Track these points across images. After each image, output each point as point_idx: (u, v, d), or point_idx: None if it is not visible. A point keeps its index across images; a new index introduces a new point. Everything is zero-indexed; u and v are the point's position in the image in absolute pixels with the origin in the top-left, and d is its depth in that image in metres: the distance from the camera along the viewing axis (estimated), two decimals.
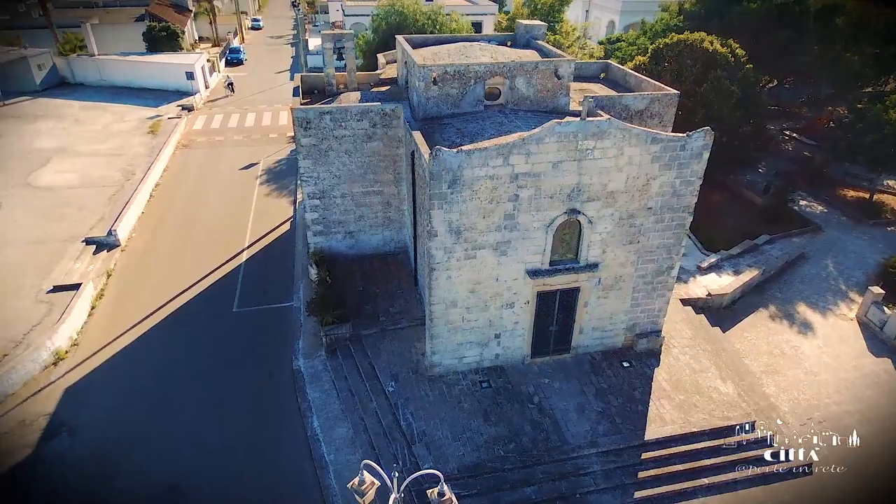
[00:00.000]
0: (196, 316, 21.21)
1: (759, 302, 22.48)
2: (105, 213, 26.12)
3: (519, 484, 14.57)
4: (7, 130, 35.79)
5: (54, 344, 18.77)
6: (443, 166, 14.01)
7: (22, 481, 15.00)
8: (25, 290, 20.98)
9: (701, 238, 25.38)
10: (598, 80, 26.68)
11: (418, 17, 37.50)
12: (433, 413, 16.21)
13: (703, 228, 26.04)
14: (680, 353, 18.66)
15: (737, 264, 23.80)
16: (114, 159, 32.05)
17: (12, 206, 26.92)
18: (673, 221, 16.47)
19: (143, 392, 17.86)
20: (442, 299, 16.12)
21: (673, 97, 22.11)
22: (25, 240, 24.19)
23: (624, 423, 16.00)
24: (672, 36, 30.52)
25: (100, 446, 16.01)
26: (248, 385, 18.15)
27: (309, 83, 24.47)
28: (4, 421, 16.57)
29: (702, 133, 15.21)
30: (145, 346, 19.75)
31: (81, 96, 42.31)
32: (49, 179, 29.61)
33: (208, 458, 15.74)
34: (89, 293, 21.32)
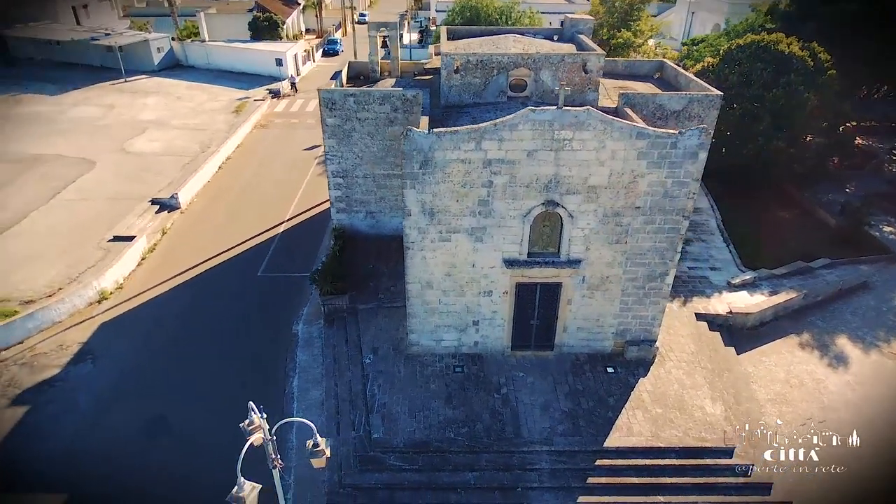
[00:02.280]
0: (226, 276, 23.19)
1: (792, 327, 20.46)
2: (174, 179, 29.15)
3: (461, 467, 14.63)
4: (121, 103, 40.83)
5: (100, 285, 21.45)
6: (413, 146, 14.38)
7: (45, 394, 17.43)
8: (92, 237, 24.08)
9: (743, 253, 23.48)
10: (652, 79, 25.58)
11: (491, 12, 37.73)
12: (399, 388, 16.65)
13: (753, 244, 24.11)
14: (674, 366, 17.57)
15: (777, 285, 21.76)
16: (197, 133, 35.54)
17: (105, 166, 30.83)
18: (665, 224, 15.57)
19: (163, 335, 19.94)
20: (417, 279, 16.49)
21: (714, 99, 20.80)
22: (105, 195, 27.68)
23: (586, 427, 15.45)
24: (746, 37, 28.35)
25: (114, 376, 18.20)
26: (252, 341, 19.63)
27: (356, 69, 25.74)
28: (46, 343, 19.30)
29: (697, 131, 14.27)
30: (176, 297, 21.96)
31: (188, 77, 47.13)
32: (140, 146, 33.50)
33: (198, 399, 17.32)
34: (141, 245, 24.05)
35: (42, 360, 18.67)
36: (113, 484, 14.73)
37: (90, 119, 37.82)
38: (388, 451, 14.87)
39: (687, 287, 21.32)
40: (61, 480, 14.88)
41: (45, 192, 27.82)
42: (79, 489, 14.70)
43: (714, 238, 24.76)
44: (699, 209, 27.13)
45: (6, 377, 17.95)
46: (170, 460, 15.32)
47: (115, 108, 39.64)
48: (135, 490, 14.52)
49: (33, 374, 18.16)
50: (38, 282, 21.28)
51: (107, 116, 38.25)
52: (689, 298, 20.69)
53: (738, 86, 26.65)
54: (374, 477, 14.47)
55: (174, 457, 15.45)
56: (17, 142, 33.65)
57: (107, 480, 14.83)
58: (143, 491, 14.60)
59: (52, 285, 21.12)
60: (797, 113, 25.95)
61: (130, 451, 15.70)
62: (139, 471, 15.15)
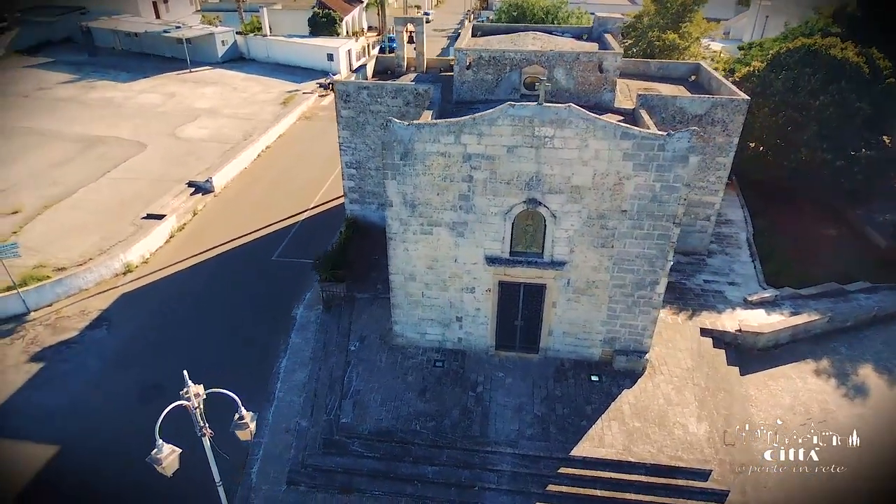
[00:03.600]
0: (243, 258, 24.22)
1: (811, 352, 19.00)
2: (213, 164, 30.69)
3: (422, 460, 14.62)
4: (182, 92, 43.38)
5: (127, 258, 22.95)
6: (393, 137, 14.49)
7: (60, 353, 18.87)
8: (129, 214, 25.79)
9: (770, 270, 22.00)
10: (686, 82, 24.60)
11: (537, 11, 37.26)
12: (376, 377, 16.83)
13: (784, 260, 22.52)
14: (664, 381, 16.76)
15: (801, 306, 20.25)
16: (243, 122, 37.23)
17: (154, 149, 32.90)
18: (655, 231, 14.88)
19: (175, 309, 21.09)
20: (400, 270, 16.60)
21: (740, 104, 19.78)
22: (149, 176, 29.55)
23: (556, 433, 15.04)
24: (797, 40, 26.52)
25: (123, 343, 19.45)
26: (254, 321, 20.40)
27: (383, 63, 26.15)
28: (70, 308, 20.87)
29: (686, 133, 13.55)
30: (194, 274, 23.16)
31: (248, 69, 49.40)
32: (189, 133, 35.49)
33: (194, 371, 17.89)
34: (170, 224, 25.51)
35: (64, 322, 20.22)
36: (103, 442, 15.75)
37: (152, 105, 40.43)
38: (353, 437, 15.08)
39: (698, 301, 20.24)
40: (59, 433, 16.08)
41: (98, 170, 30.04)
42: (72, 443, 15.83)
43: (740, 252, 23.35)
44: (730, 221, 25.69)
45: (31, 335, 19.58)
46: (168, 420, 16.14)
47: (175, 97, 42.17)
48: (121, 451, 15.43)
49: (55, 334, 19.69)
50: (73, 251, 23.05)
51: (166, 104, 40.76)
52: (698, 313, 19.63)
53: (784, 92, 24.99)
54: (335, 460, 14.73)
55: (172, 417, 16.26)
56: (85, 124, 36.48)
57: (98, 438, 15.88)
58: (128, 453, 15.50)
59: (85, 255, 22.81)
60: (846, 124, 24.00)
61: (125, 414, 16.70)
62: (129, 433, 16.05)
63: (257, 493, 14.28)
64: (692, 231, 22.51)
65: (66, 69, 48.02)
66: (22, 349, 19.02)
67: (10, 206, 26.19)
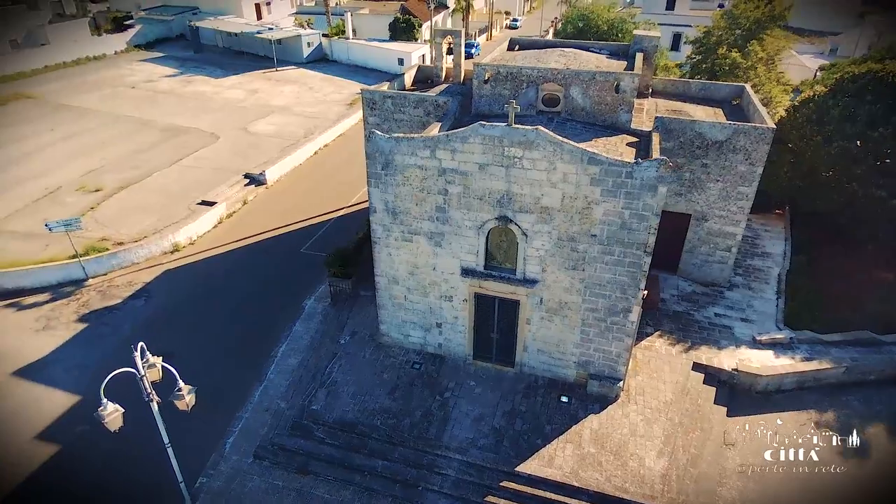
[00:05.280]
0: (276, 247, 26.22)
1: (817, 402, 17.68)
2: (270, 158, 33.22)
3: (375, 454, 15.44)
4: (263, 89, 46.96)
5: (176, 238, 25.65)
6: (375, 148, 15.41)
7: (103, 317, 21.62)
8: (187, 199, 28.70)
9: (793, 310, 20.60)
10: (728, 105, 23.59)
11: (601, 24, 36.76)
12: (355, 372, 17.87)
13: (814, 301, 20.97)
14: (636, 411, 16.42)
15: (820, 352, 18.86)
16: (308, 120, 39.80)
17: (225, 141, 36.11)
18: (625, 258, 14.72)
19: (205, 288, 23.36)
20: (384, 273, 17.51)
21: (765, 132, 18.91)
22: (213, 165, 32.57)
23: (508, 447, 15.30)
24: (864, 64, 24.42)
25: (154, 313, 21.91)
26: (270, 306, 22.13)
27: (424, 73, 27.22)
28: (121, 279, 23.75)
29: (654, 163, 13.35)
30: (230, 259, 25.42)
31: (327, 70, 52.42)
32: (258, 128, 38.52)
33: (205, 344, 20.21)
34: (220, 211, 28.08)
35: (113, 291, 23.07)
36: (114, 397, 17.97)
37: (235, 101, 44.18)
38: (319, 423, 16.20)
39: (701, 334, 19.44)
40: (80, 386, 18.52)
41: (173, 157, 33.53)
42: (91, 396, 18.19)
43: (766, 288, 22.00)
44: (767, 254, 24.22)
45: (84, 299, 22.56)
46: (170, 387, 18.17)
47: (256, 93, 45.77)
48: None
49: (103, 300, 22.54)
50: (134, 229, 26.11)
51: (247, 100, 44.37)
52: (696, 346, 18.88)
53: (840, 121, 23.16)
54: (298, 442, 15.92)
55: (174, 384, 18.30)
56: (174, 115, 40.63)
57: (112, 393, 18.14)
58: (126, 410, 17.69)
59: (142, 233, 25.76)
60: None
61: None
62: (135, 392, 18.29)
63: (227, 461, 15.77)
64: (711, 262, 21.59)
65: (173, 64, 53.48)
66: (74, 310, 21.99)
67: (95, 185, 29.98)
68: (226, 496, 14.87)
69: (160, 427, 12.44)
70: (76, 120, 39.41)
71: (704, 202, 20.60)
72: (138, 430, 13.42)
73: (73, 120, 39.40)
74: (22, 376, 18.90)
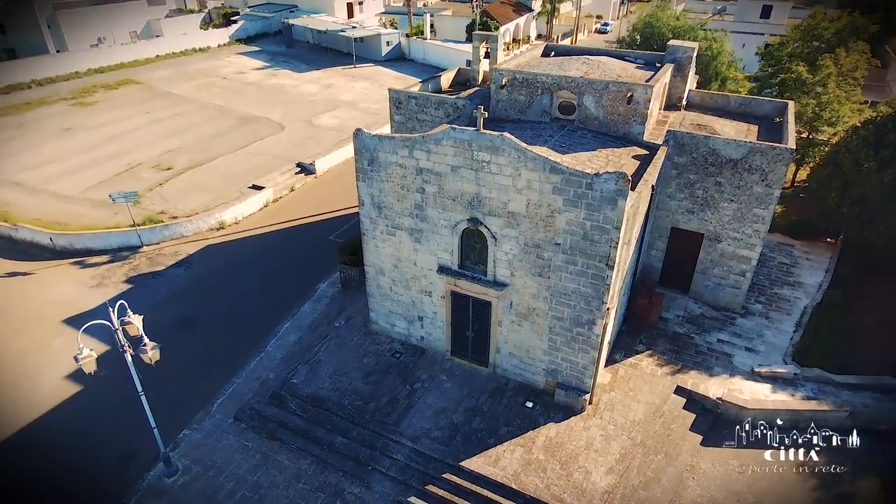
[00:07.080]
0: (308, 233, 28.05)
1: (811, 443, 16.46)
2: (324, 150, 35.30)
3: (336, 430, 16.45)
4: (338, 84, 49.61)
5: (222, 217, 28.18)
6: (361, 144, 16.38)
7: (147, 281, 24.35)
8: (240, 183, 31.31)
9: (802, 343, 19.20)
10: (770, 122, 22.32)
11: (665, 31, 35.58)
12: (339, 353, 18.99)
13: (828, 336, 19.42)
14: (598, 426, 16.22)
15: (827, 392, 17.52)
16: (368, 116, 41.66)
17: (290, 131, 38.77)
18: (588, 269, 14.65)
19: (237, 264, 25.54)
20: (372, 264, 18.46)
21: (783, 153, 18.00)
22: (272, 153, 35.18)
23: (460, 442, 15.73)
24: None
25: (188, 282, 24.34)
26: (287, 285, 23.87)
27: (463, 75, 27.99)
28: (168, 249, 26.52)
29: (614, 175, 13.23)
30: (266, 239, 27.55)
31: (402, 69, 54.32)
32: (322, 121, 40.91)
33: (224, 314, 22.25)
34: (266, 195, 30.40)
35: (160, 259, 25.85)
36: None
37: (309, 94, 47.08)
38: (294, 396, 17.48)
39: (696, 358, 18.68)
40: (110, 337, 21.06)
41: (239, 144, 36.55)
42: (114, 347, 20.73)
43: (786, 319, 20.58)
44: (801, 283, 22.58)
45: (134, 263, 25.48)
46: (185, 347, 20.21)
47: (330, 88, 48.47)
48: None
49: (150, 266, 25.35)
50: (189, 205, 28.98)
51: (320, 94, 47.13)
52: (686, 370, 18.18)
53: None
54: (272, 410, 17.28)
55: (189, 346, 20.41)
56: (252, 105, 44.08)
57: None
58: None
59: (195, 210, 28.54)
60: None
61: (164, 336, 21.21)
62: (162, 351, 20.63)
63: (212, 418, 17.45)
64: (724, 285, 20.58)
65: (264, 57, 57.74)
66: (125, 272, 24.92)
67: (168, 164, 33.46)
68: (201, 448, 16.52)
69: (134, 377, 14.15)
70: (170, 106, 43.86)
71: (717, 222, 19.69)
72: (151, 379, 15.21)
73: (168, 106, 43.88)
74: (69, 324, 21.81)
